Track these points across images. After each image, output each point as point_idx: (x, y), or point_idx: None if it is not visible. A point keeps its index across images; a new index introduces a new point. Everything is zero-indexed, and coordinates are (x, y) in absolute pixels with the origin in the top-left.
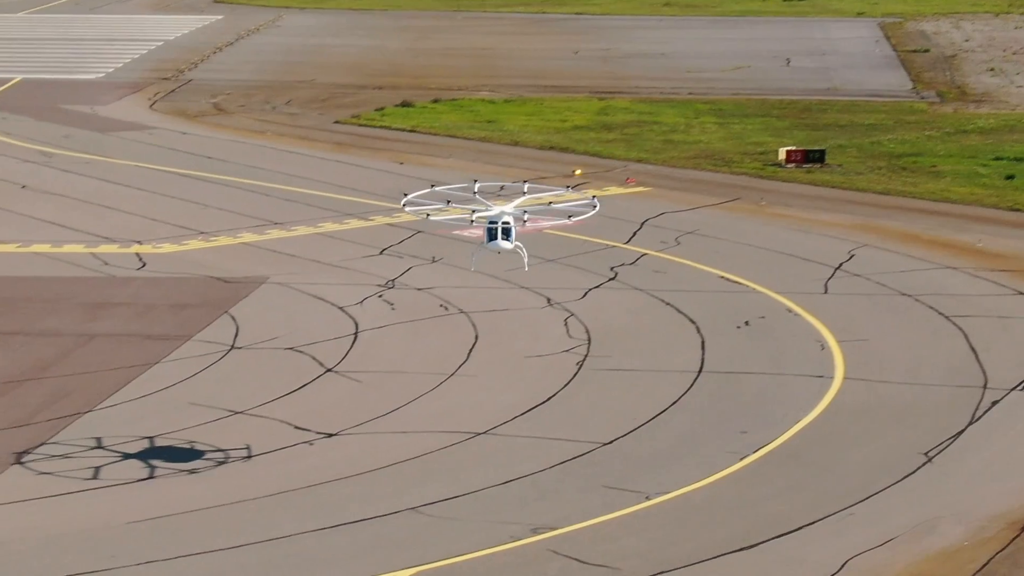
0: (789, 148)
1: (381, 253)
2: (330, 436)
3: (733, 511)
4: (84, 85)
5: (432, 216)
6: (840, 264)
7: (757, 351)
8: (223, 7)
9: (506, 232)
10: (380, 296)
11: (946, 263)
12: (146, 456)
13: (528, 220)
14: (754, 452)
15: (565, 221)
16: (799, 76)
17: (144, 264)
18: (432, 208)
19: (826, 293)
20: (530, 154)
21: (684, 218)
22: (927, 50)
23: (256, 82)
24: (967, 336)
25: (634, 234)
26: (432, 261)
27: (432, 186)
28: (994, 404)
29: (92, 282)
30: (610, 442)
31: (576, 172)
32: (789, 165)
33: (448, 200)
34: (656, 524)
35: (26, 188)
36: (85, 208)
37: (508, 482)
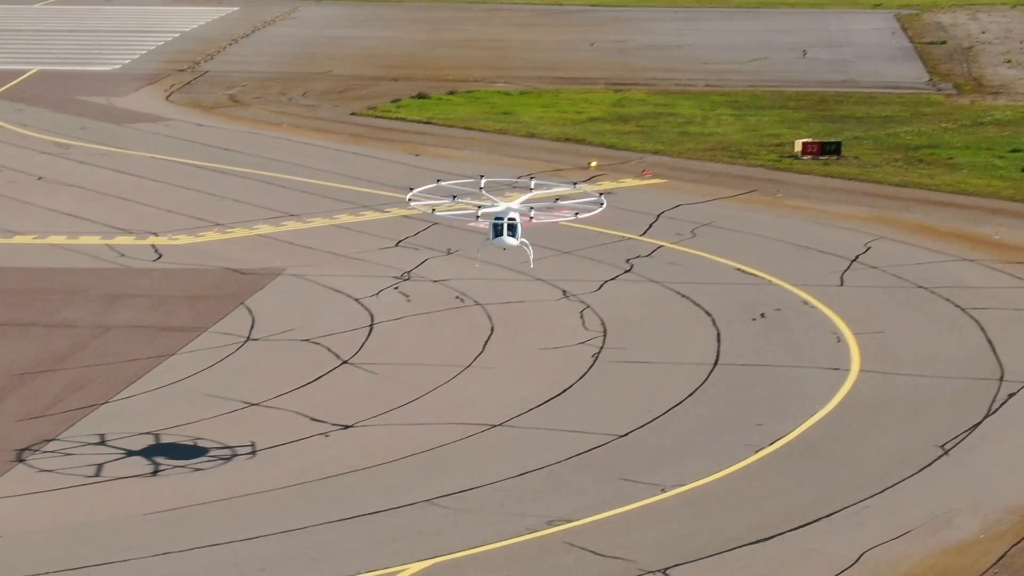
0: (805, 140)
1: (397, 245)
2: (346, 428)
3: (749, 503)
4: (100, 77)
5: (438, 211)
6: (856, 256)
7: (773, 343)
8: None
9: (512, 228)
10: (396, 288)
11: (963, 255)
12: (162, 448)
13: (534, 217)
14: (770, 444)
15: (572, 218)
16: (815, 68)
17: (160, 256)
18: (438, 203)
19: (842, 285)
20: (546, 146)
21: (700, 210)
22: (944, 42)
23: (272, 74)
24: (984, 328)
25: (650, 226)
26: (448, 253)
27: (438, 181)
28: (1011, 396)
29: (108, 274)
30: (626, 434)
31: (592, 164)
32: (805, 157)
33: (454, 196)
34: (672, 516)
35: (42, 180)
36: (101, 200)
37: (524, 474)
